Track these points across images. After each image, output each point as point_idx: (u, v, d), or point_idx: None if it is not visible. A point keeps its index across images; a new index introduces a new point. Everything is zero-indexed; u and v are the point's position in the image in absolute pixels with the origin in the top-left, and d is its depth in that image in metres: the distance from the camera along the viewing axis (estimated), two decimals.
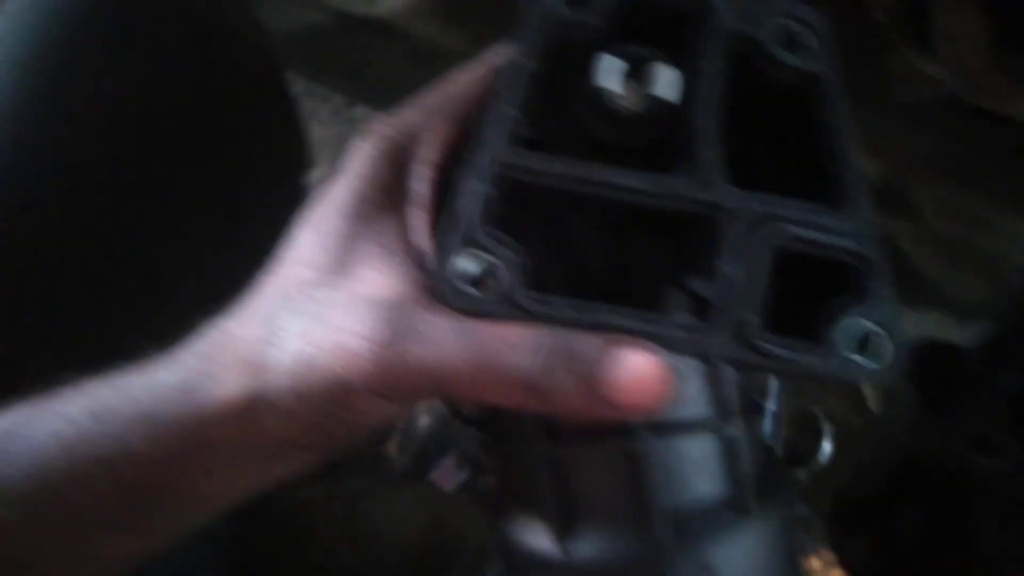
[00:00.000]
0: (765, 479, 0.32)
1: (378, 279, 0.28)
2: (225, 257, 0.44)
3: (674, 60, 0.27)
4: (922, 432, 0.47)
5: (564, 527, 0.31)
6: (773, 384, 0.51)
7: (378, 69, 0.94)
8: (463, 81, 0.30)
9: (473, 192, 0.25)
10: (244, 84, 0.54)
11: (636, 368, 0.24)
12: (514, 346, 0.25)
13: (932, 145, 0.77)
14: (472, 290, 0.25)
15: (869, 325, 0.25)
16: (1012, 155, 0.77)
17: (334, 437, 0.30)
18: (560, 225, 0.30)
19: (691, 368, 0.30)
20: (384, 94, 1.03)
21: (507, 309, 0.25)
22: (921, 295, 0.74)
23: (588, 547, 0.31)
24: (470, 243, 0.25)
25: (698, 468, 0.30)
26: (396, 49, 0.91)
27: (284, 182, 0.56)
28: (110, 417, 0.31)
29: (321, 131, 1.26)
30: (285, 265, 0.30)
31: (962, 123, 0.75)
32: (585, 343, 0.25)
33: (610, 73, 0.26)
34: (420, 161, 0.29)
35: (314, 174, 1.04)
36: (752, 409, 0.33)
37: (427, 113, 0.30)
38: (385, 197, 0.29)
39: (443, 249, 0.25)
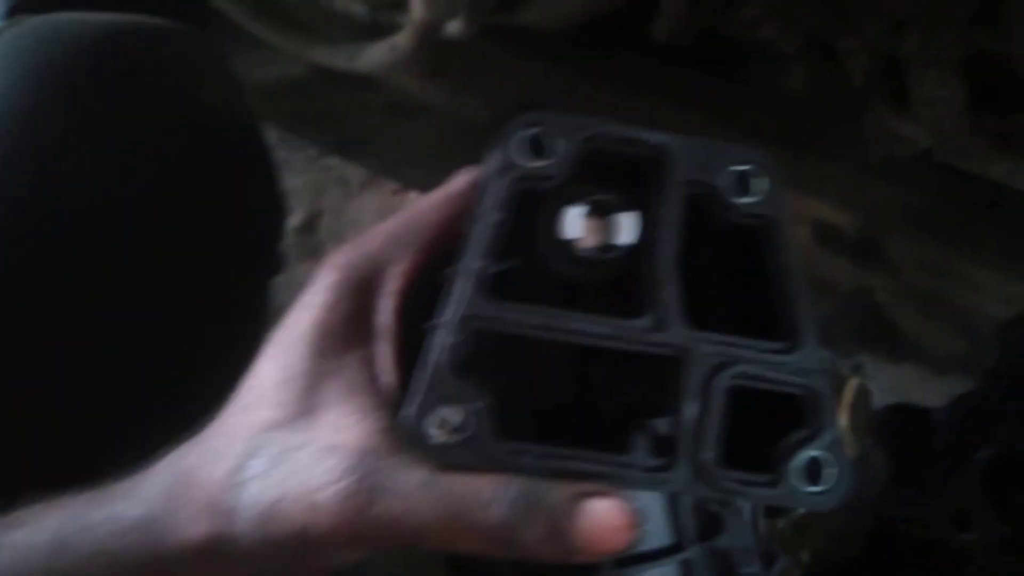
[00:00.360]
0: None
1: (344, 424, 0.27)
2: (200, 338, 0.42)
3: (634, 198, 0.28)
4: (895, 499, 0.46)
5: None
6: None
7: (355, 121, 0.93)
8: (424, 209, 0.30)
9: (444, 345, 0.26)
10: (223, 155, 0.52)
11: (603, 517, 0.25)
12: (483, 499, 0.25)
13: (908, 200, 0.78)
14: (443, 441, 0.25)
15: (817, 455, 0.26)
16: (985, 210, 0.78)
17: (304, 572, 0.30)
18: (526, 362, 0.30)
19: (652, 500, 0.31)
20: (359, 145, 1.02)
21: (478, 459, 0.25)
22: (897, 348, 0.75)
23: None
24: (441, 396, 0.26)
25: None
26: (373, 102, 0.91)
27: (260, 253, 0.54)
28: (69, 551, 0.31)
29: (294, 180, 1.25)
30: (249, 404, 0.30)
31: (936, 179, 0.77)
32: (553, 493, 0.25)
33: (573, 225, 0.27)
34: (384, 292, 0.29)
35: (289, 221, 1.02)
36: (712, 526, 0.33)
37: (389, 242, 0.30)
38: (349, 330, 0.29)
39: (414, 401, 0.26)
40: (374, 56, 0.71)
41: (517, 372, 0.30)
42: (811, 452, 0.26)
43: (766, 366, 0.27)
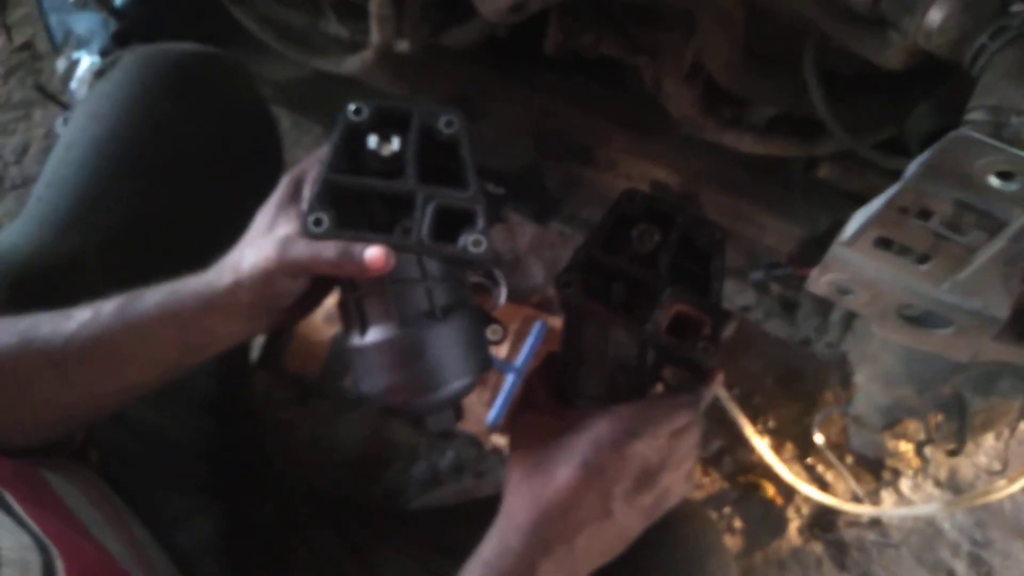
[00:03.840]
0: (452, 304, 0.61)
1: (283, 229, 0.58)
2: (232, 219, 0.67)
3: (402, 133, 0.60)
4: None
5: (362, 329, 0.61)
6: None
7: None
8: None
9: (312, 189, 0.58)
10: (250, 130, 0.85)
11: (374, 251, 0.55)
12: (326, 247, 0.55)
13: (715, 166, 1.11)
14: (314, 228, 0.57)
15: (475, 235, 0.58)
16: (767, 173, 1.10)
17: (276, 302, 0.57)
18: (371, 202, 0.61)
19: (412, 260, 0.60)
20: None
21: (328, 234, 0.57)
22: None
23: (373, 335, 0.60)
24: (311, 209, 0.57)
25: (413, 296, 0.60)
26: (357, 94, 1.25)
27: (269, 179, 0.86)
28: (136, 302, 0.57)
29: (303, 153, 1.59)
30: (252, 229, 0.60)
31: (734, 152, 1.10)
32: (356, 246, 0.55)
33: (371, 141, 0.59)
34: (307, 182, 0.60)
35: None
36: (461, 280, 0.64)
37: (310, 161, 0.61)
38: (291, 198, 0.60)
39: (303, 212, 0.58)
40: (352, 64, 1.05)
41: (369, 208, 0.62)
42: (474, 233, 0.59)
43: (452, 198, 0.60)
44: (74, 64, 1.17)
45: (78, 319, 0.57)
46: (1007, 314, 0.56)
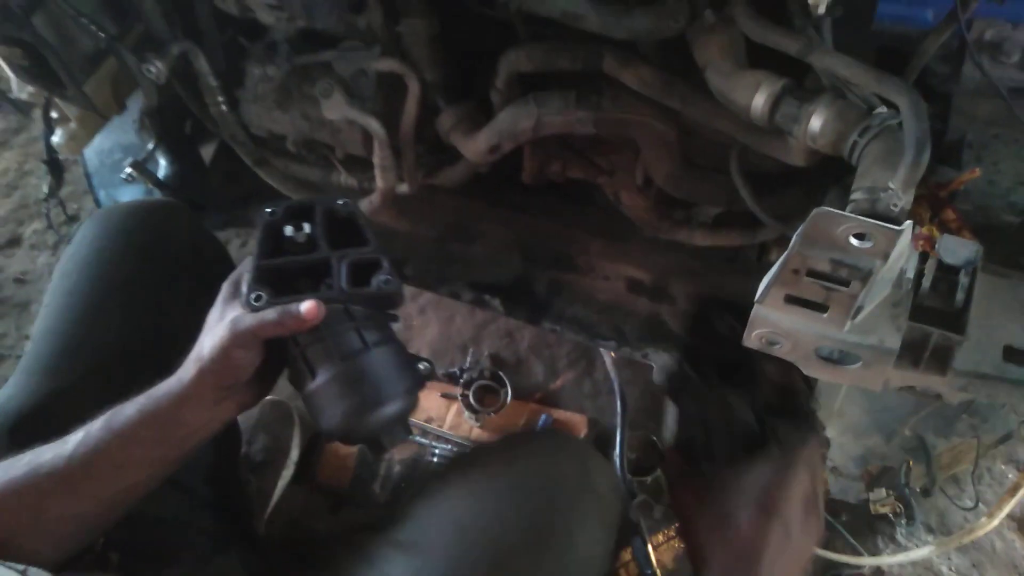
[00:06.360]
0: (381, 339, 0.74)
1: (231, 314, 0.71)
2: (189, 333, 0.74)
3: (311, 220, 0.78)
4: None
5: (312, 375, 0.71)
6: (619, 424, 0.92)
7: None
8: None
9: (251, 275, 0.74)
10: (203, 271, 0.97)
11: (307, 307, 0.69)
12: (268, 313, 0.69)
13: (680, 260, 1.27)
14: (256, 303, 0.72)
15: (384, 275, 0.75)
16: (726, 263, 1.27)
17: (238, 377, 0.69)
18: (298, 277, 0.77)
19: (341, 312, 0.74)
20: None
21: (267, 304, 0.71)
22: (670, 343, 1.22)
23: (321, 376, 0.70)
24: (251, 290, 0.72)
25: (347, 338, 0.73)
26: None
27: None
28: (117, 415, 0.67)
29: None
30: (204, 326, 0.72)
31: (693, 248, 1.26)
32: (293, 305, 0.69)
33: (288, 230, 0.77)
34: (243, 282, 0.74)
35: None
36: (384, 321, 0.78)
37: (243, 264, 0.76)
38: (232, 295, 0.74)
39: (244, 293, 0.73)
40: (362, 208, 1.24)
41: (297, 282, 0.76)
42: (380, 276, 0.75)
43: (359, 254, 0.76)
44: None
45: (72, 440, 0.68)
46: (898, 345, 0.70)
